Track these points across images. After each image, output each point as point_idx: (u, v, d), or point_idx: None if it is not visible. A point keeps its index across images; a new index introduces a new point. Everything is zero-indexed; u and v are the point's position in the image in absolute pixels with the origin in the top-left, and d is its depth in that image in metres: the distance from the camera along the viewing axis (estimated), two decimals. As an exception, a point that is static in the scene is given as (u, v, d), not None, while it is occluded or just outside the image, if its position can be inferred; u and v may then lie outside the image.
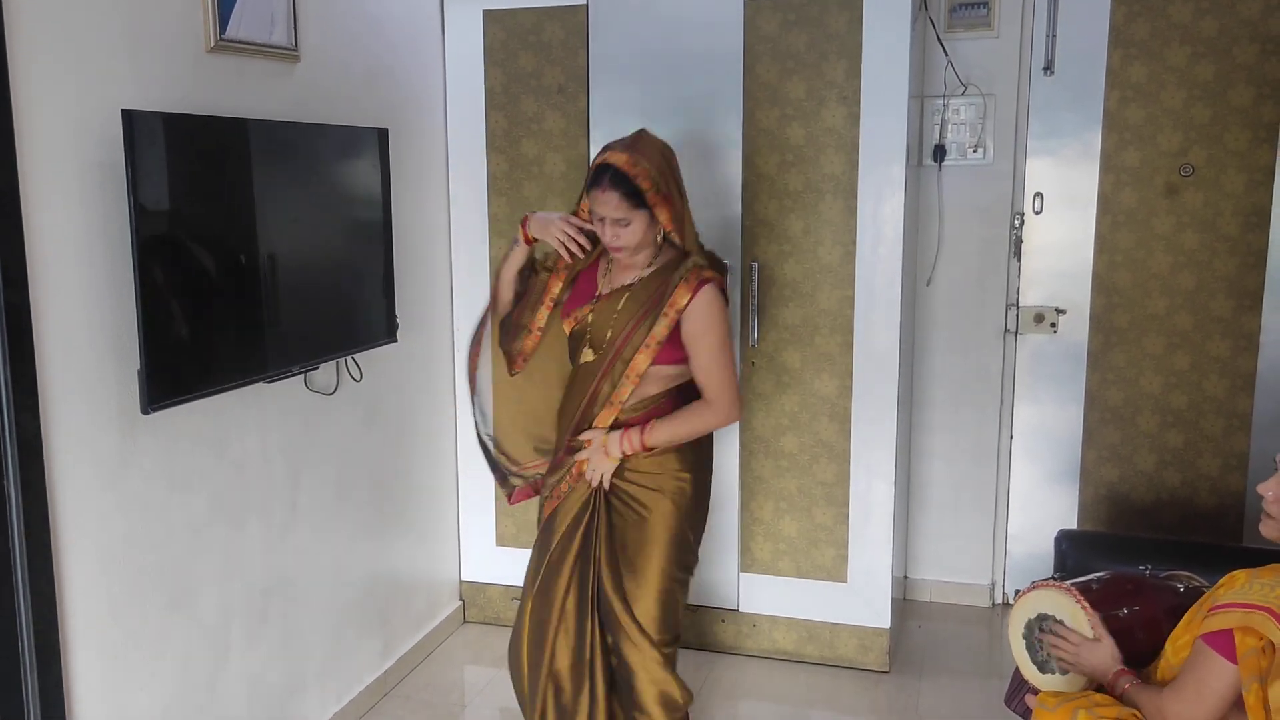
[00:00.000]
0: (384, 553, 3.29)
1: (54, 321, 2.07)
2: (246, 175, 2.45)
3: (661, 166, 2.35)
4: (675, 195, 2.39)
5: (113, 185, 2.14)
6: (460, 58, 3.50)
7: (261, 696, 2.74)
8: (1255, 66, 3.36)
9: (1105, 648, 2.05)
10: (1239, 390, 3.51)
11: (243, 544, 2.64)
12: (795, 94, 3.20)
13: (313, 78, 2.81)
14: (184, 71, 2.36)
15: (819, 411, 3.32)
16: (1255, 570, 1.86)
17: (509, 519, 3.69)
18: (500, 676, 3.42)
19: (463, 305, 3.62)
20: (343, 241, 2.84)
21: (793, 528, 3.39)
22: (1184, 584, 2.24)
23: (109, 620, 2.24)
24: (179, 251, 2.26)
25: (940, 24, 3.62)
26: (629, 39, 3.31)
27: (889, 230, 3.18)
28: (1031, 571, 3.76)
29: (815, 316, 3.28)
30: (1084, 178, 3.59)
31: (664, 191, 2.34)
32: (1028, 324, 3.72)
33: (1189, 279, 3.52)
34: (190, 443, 2.44)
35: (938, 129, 3.69)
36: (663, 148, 2.41)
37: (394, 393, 3.29)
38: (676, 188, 2.40)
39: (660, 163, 2.36)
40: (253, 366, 2.49)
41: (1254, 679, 1.74)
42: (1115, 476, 3.68)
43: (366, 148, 2.88)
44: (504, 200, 3.53)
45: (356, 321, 2.92)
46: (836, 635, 3.41)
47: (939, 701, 3.24)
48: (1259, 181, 3.41)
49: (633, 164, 2.32)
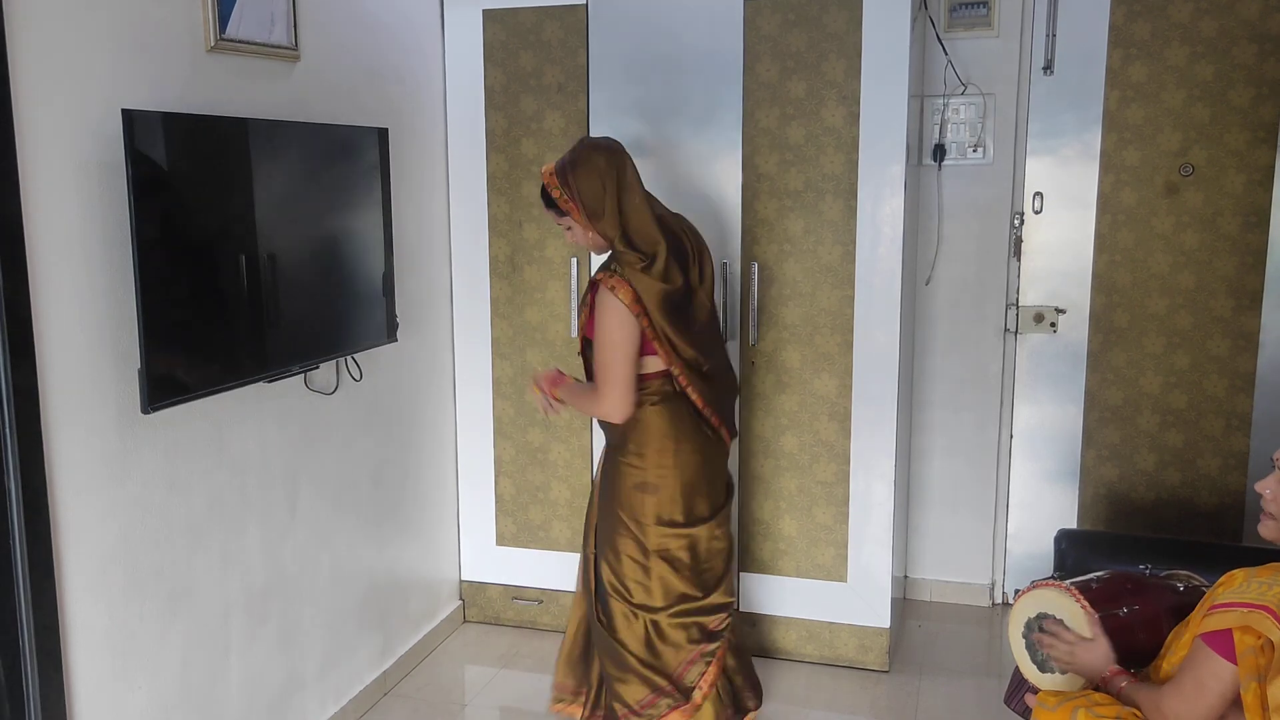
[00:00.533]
0: (384, 552, 3.29)
1: (54, 321, 2.07)
2: (246, 175, 2.45)
3: (578, 171, 2.51)
4: (589, 197, 2.50)
5: (113, 185, 2.14)
6: (460, 57, 3.50)
7: (261, 695, 2.75)
8: (1255, 66, 3.37)
9: (1099, 647, 2.05)
10: (1239, 390, 3.51)
11: (242, 543, 2.64)
12: (795, 93, 3.20)
13: (312, 77, 2.81)
14: (184, 71, 2.36)
15: (819, 411, 3.32)
16: (1254, 569, 1.87)
17: (509, 519, 3.69)
18: (500, 675, 3.42)
19: (462, 305, 3.62)
20: (343, 241, 2.84)
21: (792, 527, 3.39)
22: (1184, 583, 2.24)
23: (109, 619, 2.24)
24: (179, 251, 2.27)
25: (940, 23, 3.62)
26: (628, 38, 3.31)
27: (889, 230, 3.18)
28: (1031, 571, 3.76)
29: (815, 316, 3.28)
30: (1084, 177, 3.59)
31: (572, 196, 2.51)
32: (1027, 323, 3.72)
33: (1189, 278, 3.52)
34: (190, 442, 2.44)
35: (937, 128, 3.69)
36: (591, 152, 2.53)
37: (394, 392, 3.29)
38: (596, 189, 2.50)
39: (578, 169, 2.51)
40: (252, 366, 2.50)
41: (1252, 678, 1.74)
42: (1115, 476, 3.68)
43: (366, 147, 2.88)
44: (504, 200, 3.53)
45: (356, 321, 2.92)
46: (836, 635, 3.41)
47: (938, 701, 3.24)
48: (1258, 181, 3.41)
49: (548, 174, 2.55)
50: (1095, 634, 2.07)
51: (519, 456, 3.64)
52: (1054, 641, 2.12)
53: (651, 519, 2.63)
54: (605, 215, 2.52)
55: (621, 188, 2.53)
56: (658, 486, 2.63)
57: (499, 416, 3.64)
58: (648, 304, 2.50)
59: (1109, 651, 2.04)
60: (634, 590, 2.66)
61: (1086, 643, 2.07)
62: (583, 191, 2.51)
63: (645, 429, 2.62)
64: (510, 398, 3.62)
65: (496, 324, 3.60)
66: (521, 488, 3.66)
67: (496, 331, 3.60)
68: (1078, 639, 2.09)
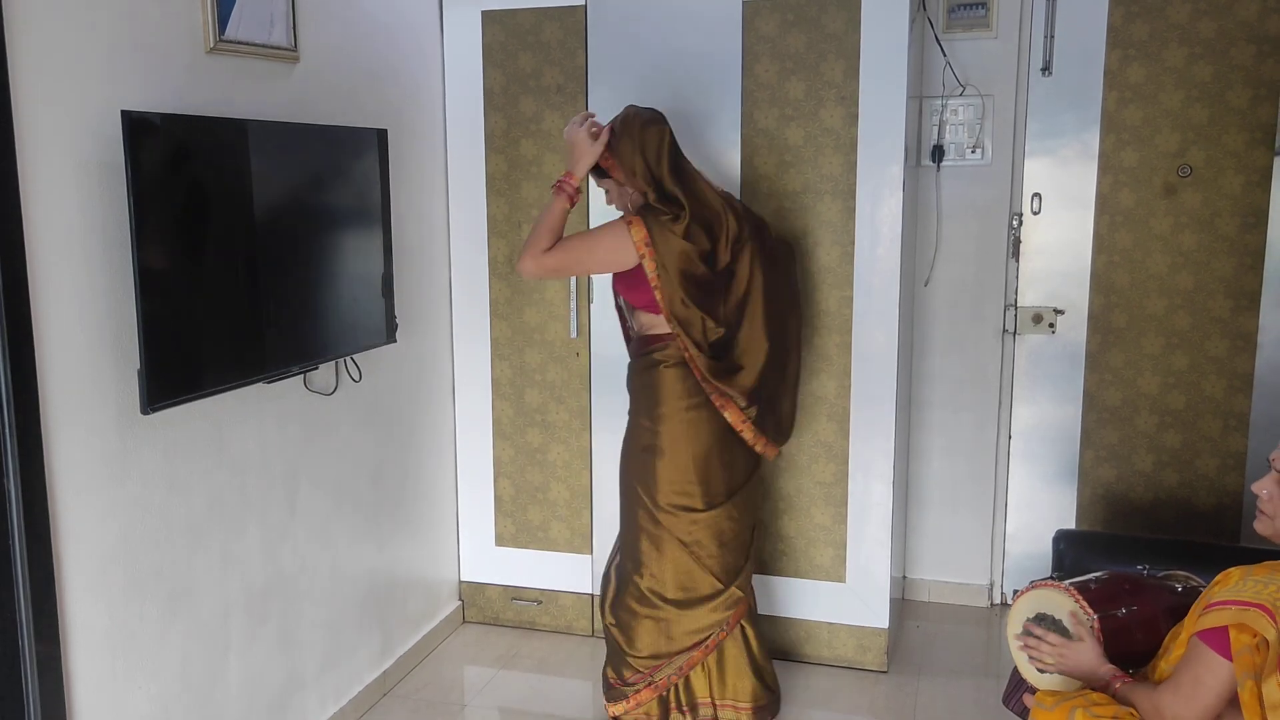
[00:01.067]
0: (383, 553, 3.30)
1: (54, 322, 2.07)
2: (246, 176, 2.45)
3: (620, 134, 2.68)
4: (626, 156, 2.66)
5: (113, 185, 2.15)
6: (459, 58, 3.51)
7: (260, 696, 2.75)
8: (1253, 67, 3.37)
9: (1087, 647, 2.06)
10: (1237, 390, 3.51)
11: (242, 544, 2.64)
12: (794, 94, 3.21)
13: (312, 78, 2.81)
14: (183, 72, 2.36)
15: (817, 412, 3.32)
16: (1249, 567, 1.87)
17: (508, 520, 3.69)
18: (499, 676, 3.43)
19: (462, 306, 3.63)
20: (342, 242, 2.84)
21: (791, 527, 3.40)
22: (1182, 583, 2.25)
23: (108, 619, 2.25)
24: (178, 252, 2.27)
25: (939, 24, 3.63)
26: (627, 39, 3.32)
27: (887, 231, 3.19)
28: (1029, 571, 3.76)
29: (814, 317, 3.28)
30: (1082, 178, 3.59)
31: (612, 153, 2.68)
32: (1026, 324, 3.72)
33: (1187, 279, 3.52)
34: (189, 443, 2.44)
35: (936, 129, 3.70)
36: (629, 116, 2.71)
37: (393, 393, 3.30)
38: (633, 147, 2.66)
39: (620, 131, 2.68)
40: (252, 367, 2.50)
41: (1248, 676, 1.74)
42: (1113, 476, 3.68)
43: (366, 148, 2.89)
44: (503, 200, 3.53)
45: (356, 322, 2.92)
46: (835, 635, 3.41)
47: (937, 701, 3.24)
48: (1256, 182, 3.41)
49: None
50: (1080, 634, 2.08)
51: (518, 457, 3.65)
52: (1038, 644, 2.13)
53: (663, 487, 2.70)
54: (638, 174, 2.66)
55: (661, 150, 2.67)
56: (665, 450, 2.70)
57: (498, 417, 3.65)
58: (666, 259, 2.61)
59: (1098, 650, 2.05)
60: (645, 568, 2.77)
61: (1073, 644, 2.08)
62: (621, 151, 2.67)
63: (659, 389, 2.72)
64: (509, 398, 3.62)
65: (496, 325, 3.60)
66: (521, 488, 3.66)
67: (496, 332, 3.61)
68: (1062, 641, 2.10)
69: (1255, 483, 1.91)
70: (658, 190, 2.66)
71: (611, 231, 2.67)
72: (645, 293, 2.68)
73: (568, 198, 2.68)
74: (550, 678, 3.42)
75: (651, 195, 2.66)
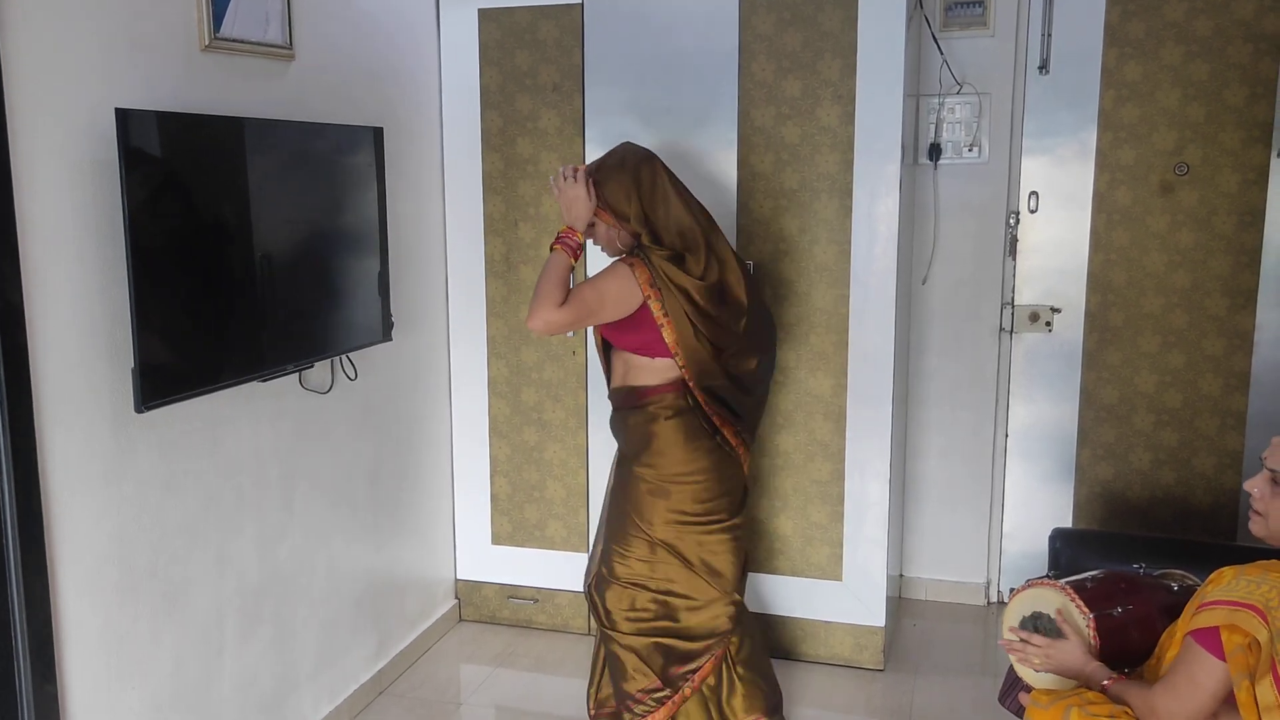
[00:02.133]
0: (379, 551, 3.29)
1: (48, 320, 2.07)
2: (241, 174, 2.45)
3: (605, 179, 2.60)
4: (620, 199, 2.59)
5: (107, 184, 2.14)
6: (456, 56, 3.50)
7: (255, 695, 2.74)
8: (1249, 66, 3.37)
9: (1072, 645, 2.06)
10: (1233, 389, 3.52)
11: (237, 543, 2.64)
12: (790, 93, 3.21)
13: (308, 76, 2.81)
14: (178, 70, 2.36)
15: (814, 410, 3.32)
16: (1242, 566, 1.87)
17: (504, 518, 3.69)
18: (496, 674, 3.43)
19: (458, 304, 3.62)
20: (338, 240, 2.84)
21: (788, 526, 3.40)
22: (1178, 582, 2.25)
23: (103, 619, 2.24)
24: (173, 250, 2.26)
25: (935, 23, 3.63)
26: (624, 38, 3.31)
27: (884, 229, 3.18)
28: (1026, 570, 3.76)
29: (810, 315, 3.28)
30: (1079, 176, 3.59)
31: (603, 201, 2.61)
32: (1023, 322, 3.72)
33: (1184, 278, 3.52)
34: (184, 441, 2.44)
35: (933, 128, 3.70)
36: (623, 157, 2.63)
37: (389, 391, 3.29)
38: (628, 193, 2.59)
39: (610, 174, 2.61)
40: (247, 365, 2.49)
41: (1243, 676, 1.74)
42: (1110, 475, 3.68)
43: (362, 146, 2.88)
44: (499, 199, 3.53)
45: (351, 320, 2.92)
46: (831, 633, 3.41)
47: (933, 699, 3.24)
48: (1253, 180, 3.41)
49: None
50: (1066, 631, 2.08)
51: (514, 456, 3.64)
52: (1026, 648, 2.13)
53: (662, 518, 2.67)
54: (632, 218, 2.59)
55: (652, 192, 2.61)
56: (670, 492, 2.67)
57: (494, 416, 3.64)
58: (669, 300, 2.54)
59: (1085, 649, 2.05)
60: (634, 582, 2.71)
61: (1058, 643, 2.08)
62: (612, 196, 2.60)
63: (660, 443, 2.65)
64: (506, 396, 3.62)
65: (492, 323, 3.60)
66: (517, 487, 3.66)
67: (492, 331, 3.60)
68: (1047, 641, 2.10)
69: (1248, 481, 1.91)
70: (650, 232, 2.60)
71: (617, 277, 2.57)
72: (641, 334, 2.60)
73: (571, 253, 2.60)
74: (547, 676, 3.42)
75: (645, 236, 2.60)
